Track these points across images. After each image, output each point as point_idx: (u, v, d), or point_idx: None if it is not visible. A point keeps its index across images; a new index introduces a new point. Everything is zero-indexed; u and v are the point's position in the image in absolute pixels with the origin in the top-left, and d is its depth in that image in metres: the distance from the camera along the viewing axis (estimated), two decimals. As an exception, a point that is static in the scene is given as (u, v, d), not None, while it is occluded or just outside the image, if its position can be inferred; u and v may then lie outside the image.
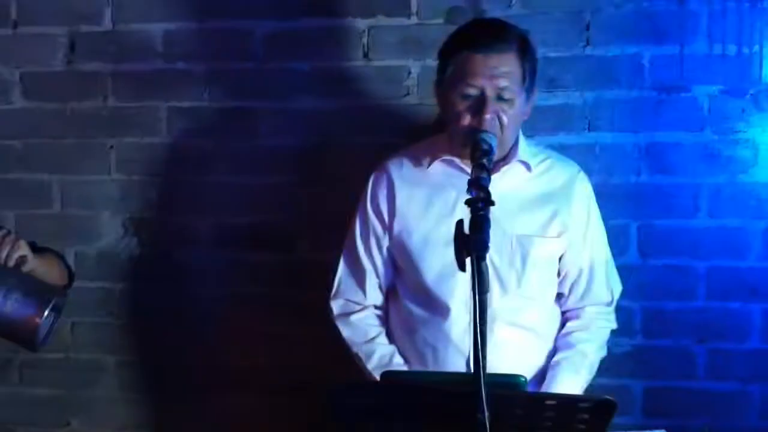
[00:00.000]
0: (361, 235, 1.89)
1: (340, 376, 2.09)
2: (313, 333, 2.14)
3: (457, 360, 1.79)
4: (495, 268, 1.74)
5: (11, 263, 1.60)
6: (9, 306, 1.55)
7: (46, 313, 1.56)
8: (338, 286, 1.93)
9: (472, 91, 1.70)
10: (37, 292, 1.58)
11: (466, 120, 1.71)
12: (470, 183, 1.45)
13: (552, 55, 2.12)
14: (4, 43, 2.36)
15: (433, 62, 2.10)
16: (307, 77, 2.29)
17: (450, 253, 1.32)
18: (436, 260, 1.78)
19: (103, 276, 2.36)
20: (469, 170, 1.63)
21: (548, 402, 1.41)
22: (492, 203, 1.40)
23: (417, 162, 1.85)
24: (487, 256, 1.30)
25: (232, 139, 2.34)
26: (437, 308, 1.81)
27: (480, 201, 1.39)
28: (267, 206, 2.34)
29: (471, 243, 1.30)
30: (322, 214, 2.29)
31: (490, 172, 1.54)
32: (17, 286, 1.56)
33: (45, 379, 2.40)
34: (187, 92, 2.33)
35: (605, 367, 1.93)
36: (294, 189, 2.32)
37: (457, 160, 1.79)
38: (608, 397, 1.32)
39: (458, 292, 1.76)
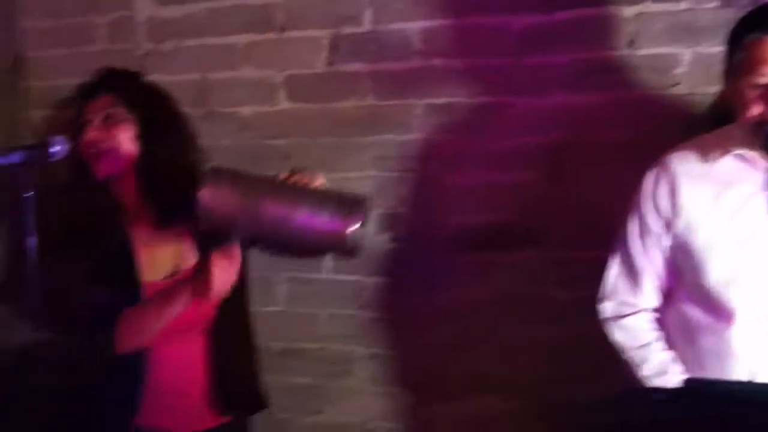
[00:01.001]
0: (637, 233, 1.78)
1: (583, 384, 2.03)
2: (559, 336, 2.10)
3: (740, 370, 1.63)
4: None
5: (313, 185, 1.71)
6: (324, 218, 1.61)
7: (358, 220, 1.61)
8: (610, 287, 1.83)
9: (765, 80, 1.55)
10: (346, 203, 1.65)
11: (757, 110, 1.55)
12: None
13: None
14: (271, 47, 2.49)
15: (705, 49, 1.98)
16: (565, 71, 2.21)
17: (740, 254, 1.21)
18: (724, 261, 1.64)
19: (358, 270, 2.41)
20: (761, 165, 1.50)
21: None
22: None
23: (704, 156, 1.71)
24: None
25: (484, 135, 2.31)
26: (721, 313, 1.66)
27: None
28: (517, 204, 2.28)
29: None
30: (573, 213, 2.21)
31: None
32: (327, 200, 1.64)
33: (301, 368, 2.50)
34: (442, 89, 2.33)
35: None
36: (545, 186, 2.25)
37: (748, 154, 1.64)
38: None
39: (748, 296, 1.61)
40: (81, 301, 1.88)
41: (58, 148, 1.75)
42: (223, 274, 1.71)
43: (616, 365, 1.80)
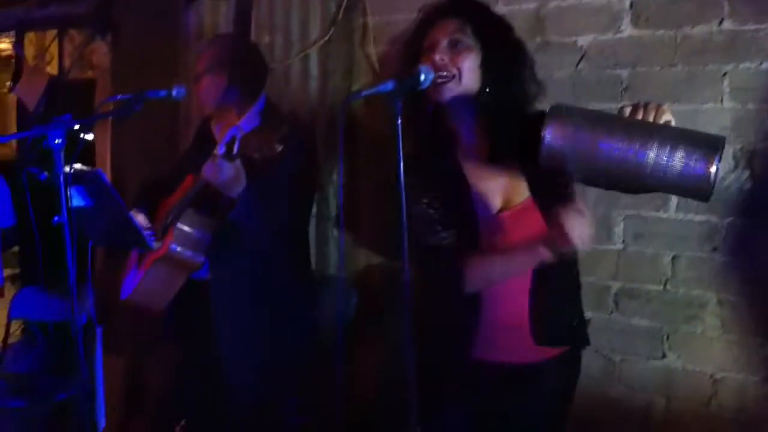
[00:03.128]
0: None
1: None
2: None
3: None
4: None
5: (660, 121, 1.58)
6: (676, 159, 1.50)
7: (715, 162, 1.48)
8: None
9: None
10: (701, 142, 1.51)
11: None
12: None
13: None
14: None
15: None
16: None
17: None
18: None
19: (709, 209, 2.24)
20: None
21: None
22: None
23: None
24: None
25: None
26: None
27: None
28: None
29: None
30: None
31: None
32: (679, 138, 1.52)
33: (641, 310, 2.39)
34: (820, 8, 2.06)
35: None
36: None
37: None
38: None
39: None
40: (426, 234, 1.92)
41: (426, 76, 1.72)
42: (579, 228, 1.66)
43: None
